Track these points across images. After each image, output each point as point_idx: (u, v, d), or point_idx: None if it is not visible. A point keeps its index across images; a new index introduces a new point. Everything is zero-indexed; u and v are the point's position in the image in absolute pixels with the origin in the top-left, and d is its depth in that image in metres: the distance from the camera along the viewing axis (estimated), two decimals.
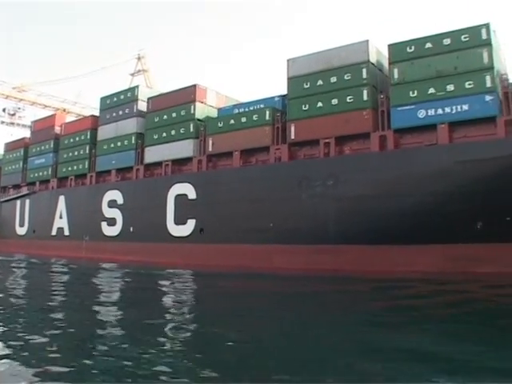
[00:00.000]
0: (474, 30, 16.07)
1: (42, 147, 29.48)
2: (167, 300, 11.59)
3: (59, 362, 5.54)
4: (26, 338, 6.64)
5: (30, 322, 8.17)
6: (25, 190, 29.65)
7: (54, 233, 27.52)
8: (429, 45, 16.78)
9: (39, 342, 6.47)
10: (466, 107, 15.73)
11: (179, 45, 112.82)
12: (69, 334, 7.16)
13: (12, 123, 37.72)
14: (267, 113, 20.11)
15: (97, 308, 9.85)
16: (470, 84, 15.81)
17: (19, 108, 38.91)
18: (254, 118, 20.49)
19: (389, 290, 12.97)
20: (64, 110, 36.09)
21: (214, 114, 23.22)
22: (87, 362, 5.55)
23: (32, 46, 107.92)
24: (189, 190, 21.74)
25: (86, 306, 10.28)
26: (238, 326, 7.89)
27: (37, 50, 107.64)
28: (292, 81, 19.62)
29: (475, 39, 15.99)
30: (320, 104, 18.61)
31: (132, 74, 45.72)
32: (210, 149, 21.76)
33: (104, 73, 50.59)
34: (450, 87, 16.10)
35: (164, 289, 13.80)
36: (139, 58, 45.80)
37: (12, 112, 39.25)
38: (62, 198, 27.40)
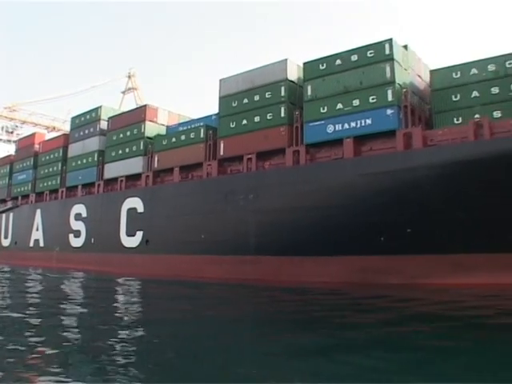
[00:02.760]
0: (379, 46, 16.45)
1: (24, 164, 31.90)
2: (95, 305, 12.47)
3: None
4: None
5: None
6: (9, 204, 32.15)
7: (31, 244, 29.68)
8: (338, 61, 17.27)
9: None
10: (369, 121, 16.10)
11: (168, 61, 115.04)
12: None
13: (9, 140, 40.66)
14: (202, 131, 21.15)
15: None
16: (373, 99, 16.17)
17: (17, 126, 41.96)
18: (192, 135, 21.58)
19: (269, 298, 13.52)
20: (54, 128, 38.64)
21: (163, 131, 24.52)
22: None
23: (23, 66, 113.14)
24: (138, 204, 23.08)
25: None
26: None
27: (28, 70, 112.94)
28: (222, 100, 20.57)
29: (379, 55, 16.36)
30: (245, 121, 19.45)
31: (123, 92, 47.96)
32: (156, 165, 23.04)
33: (95, 91, 53.08)
34: (356, 102, 16.51)
35: (98, 295, 15.07)
36: (129, 77, 47.97)
37: (10, 130, 42.38)
38: (38, 212, 29.55)
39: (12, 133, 41.98)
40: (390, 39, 16.26)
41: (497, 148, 13.55)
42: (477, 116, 15.36)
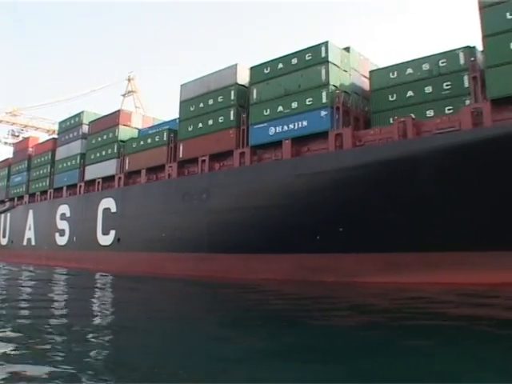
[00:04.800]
0: (316, 49, 16.93)
1: (20, 166, 34.01)
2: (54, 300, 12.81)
3: None
4: None
5: None
6: (7, 205, 34.38)
7: (25, 243, 31.70)
8: (280, 65, 17.85)
9: None
10: (305, 123, 16.66)
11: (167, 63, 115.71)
12: None
13: (15, 144, 43.15)
14: (165, 134, 22.19)
15: None
16: (310, 101, 16.69)
17: (22, 130, 44.39)
18: (156, 138, 22.68)
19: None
20: (54, 132, 40.67)
21: (136, 135, 25.71)
22: None
23: (24, 72, 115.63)
24: (112, 204, 24.42)
25: None
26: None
27: (29, 75, 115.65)
28: (182, 104, 21.53)
29: (316, 57, 16.84)
30: (200, 125, 20.34)
31: (123, 95, 49.60)
32: (127, 167, 24.29)
33: (96, 94, 54.97)
34: (295, 104, 17.08)
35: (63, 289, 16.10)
36: (129, 80, 49.53)
37: (17, 134, 44.88)
38: (30, 212, 31.51)
39: (18, 136, 44.43)
40: (326, 42, 16.69)
41: (414, 148, 13.86)
42: (412, 115, 15.65)
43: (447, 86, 15.29)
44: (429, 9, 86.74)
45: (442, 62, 15.62)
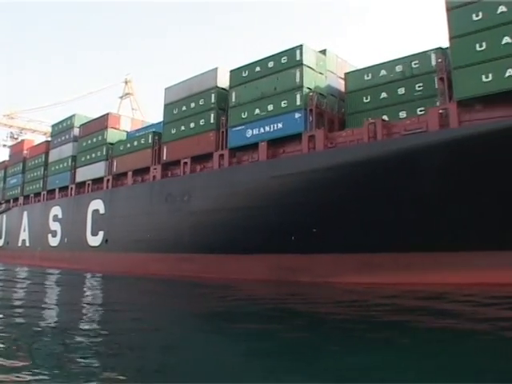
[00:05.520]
0: (291, 52, 17.15)
1: (15, 169, 34.66)
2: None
3: None
4: None
5: None
6: (3, 207, 35.05)
7: (20, 244, 32.31)
8: (258, 68, 18.10)
9: None
10: (280, 125, 16.88)
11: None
12: None
13: (11, 146, 43.78)
14: (150, 137, 22.55)
15: None
16: (285, 103, 16.92)
17: (21, 132, 45.05)
18: (142, 141, 23.07)
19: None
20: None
21: (125, 137, 26.11)
22: None
23: (22, 74, 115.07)
24: (100, 206, 24.85)
25: None
26: None
27: (26, 77, 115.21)
28: (166, 107, 21.88)
29: (291, 61, 17.06)
30: (183, 128, 20.67)
31: (121, 98, 50.10)
32: (115, 169, 24.70)
33: (94, 97, 55.58)
34: (271, 107, 17.31)
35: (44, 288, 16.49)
36: (126, 82, 50.00)
37: (16, 136, 45.55)
38: (25, 214, 32.12)
39: (17, 139, 45.01)
40: (301, 45, 16.89)
41: (383, 149, 14.02)
42: (384, 117, 15.81)
43: (419, 87, 15.44)
44: (411, 9, 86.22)
45: (415, 64, 15.77)
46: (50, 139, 32.61)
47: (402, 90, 15.86)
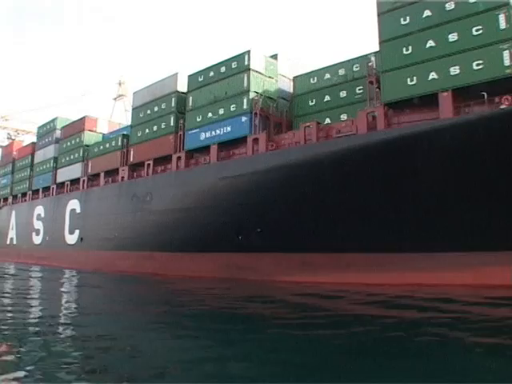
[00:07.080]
0: (240, 57, 17.77)
1: (5, 169, 36.08)
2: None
3: None
4: None
5: None
6: None
7: (8, 242, 33.70)
8: (211, 73, 18.77)
9: None
10: (229, 129, 17.53)
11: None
12: None
13: (2, 147, 45.24)
14: (119, 139, 23.44)
15: None
16: (233, 107, 17.57)
17: (18, 133, 46.58)
18: (113, 143, 23.98)
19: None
20: None
21: (101, 139, 27.07)
22: None
23: (17, 75, 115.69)
24: (77, 206, 25.90)
25: None
26: None
27: (21, 79, 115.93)
28: (134, 111, 22.76)
29: (240, 65, 17.68)
30: (147, 130, 21.50)
31: (115, 99, 51.18)
32: (90, 170, 25.69)
33: (88, 98, 56.78)
34: (221, 111, 17.97)
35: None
36: (120, 84, 51.02)
37: (13, 137, 47.12)
38: (13, 213, 33.47)
39: (14, 139, 46.56)
40: (248, 51, 17.50)
41: (316, 151, 14.52)
42: (327, 119, 16.33)
43: (359, 90, 15.92)
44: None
45: (356, 67, 16.25)
46: (35, 141, 33.88)
47: (343, 93, 16.37)
